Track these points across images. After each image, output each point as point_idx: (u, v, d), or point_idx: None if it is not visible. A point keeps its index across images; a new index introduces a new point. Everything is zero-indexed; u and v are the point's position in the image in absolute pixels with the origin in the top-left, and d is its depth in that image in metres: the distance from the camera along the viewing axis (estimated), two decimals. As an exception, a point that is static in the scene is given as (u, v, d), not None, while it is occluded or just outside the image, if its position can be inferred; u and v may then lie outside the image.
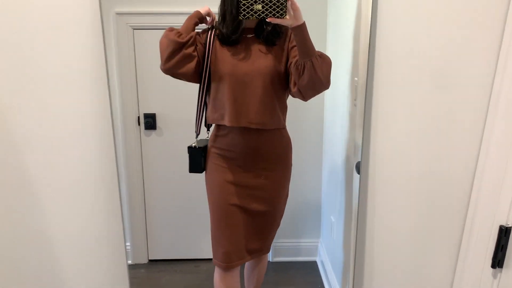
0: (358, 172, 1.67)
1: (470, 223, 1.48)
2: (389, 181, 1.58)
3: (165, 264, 2.80)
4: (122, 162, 2.60)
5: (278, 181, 1.83)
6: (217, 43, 1.71)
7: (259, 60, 1.65)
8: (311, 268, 2.82)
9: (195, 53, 1.66)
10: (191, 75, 1.69)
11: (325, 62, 1.51)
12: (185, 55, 1.62)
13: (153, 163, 2.64)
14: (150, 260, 2.81)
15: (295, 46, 1.61)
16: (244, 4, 1.37)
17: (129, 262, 2.77)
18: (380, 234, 1.65)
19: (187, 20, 1.68)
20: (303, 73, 1.50)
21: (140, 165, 2.64)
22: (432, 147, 1.52)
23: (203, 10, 1.70)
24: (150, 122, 2.57)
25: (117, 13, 2.36)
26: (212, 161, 1.81)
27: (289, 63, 1.66)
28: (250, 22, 1.69)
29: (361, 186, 1.64)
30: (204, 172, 1.88)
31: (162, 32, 2.34)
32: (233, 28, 1.65)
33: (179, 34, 1.61)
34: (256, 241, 1.84)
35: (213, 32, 1.72)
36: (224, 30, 1.68)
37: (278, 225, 1.93)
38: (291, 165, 1.90)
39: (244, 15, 1.39)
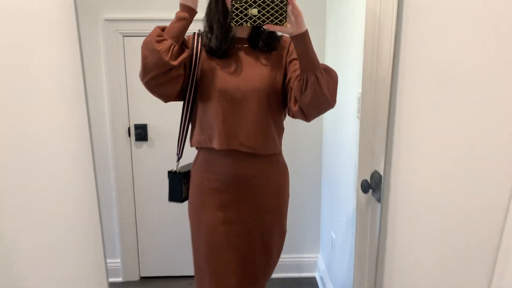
0: (363, 191, 1.56)
1: (501, 265, 1.26)
2: (412, 215, 1.28)
3: (157, 281, 2.69)
4: (112, 175, 2.49)
5: (272, 217, 1.57)
6: (205, 53, 1.47)
7: (253, 75, 1.43)
8: (310, 284, 2.72)
9: (183, 72, 1.40)
10: (174, 97, 1.47)
11: (331, 77, 1.32)
12: (172, 77, 1.34)
13: (144, 176, 2.53)
14: (142, 277, 2.70)
15: (295, 59, 1.41)
16: (237, 9, 1.19)
17: (120, 279, 2.67)
18: (400, 272, 1.41)
19: (177, 21, 1.32)
20: (305, 89, 1.30)
21: (130, 178, 2.52)
22: (461, 181, 1.18)
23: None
24: (141, 133, 2.46)
25: (106, 20, 2.26)
26: (196, 192, 1.56)
27: (287, 78, 1.45)
28: (242, 30, 1.47)
29: (382, 218, 1.46)
30: (185, 201, 1.65)
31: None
32: (221, 38, 1.42)
33: (169, 49, 1.29)
34: (249, 284, 1.57)
35: (199, 40, 1.47)
36: (211, 43, 1.44)
37: (275, 264, 1.66)
38: (287, 197, 1.64)
39: (237, 21, 1.21)
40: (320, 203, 2.70)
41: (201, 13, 1.44)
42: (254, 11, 1.19)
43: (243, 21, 1.21)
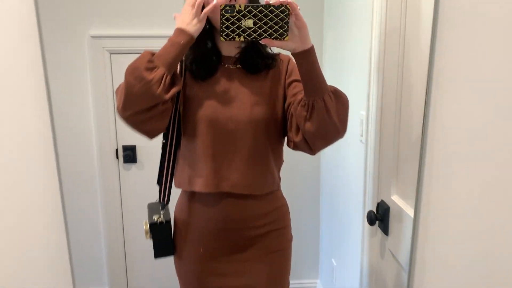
0: (370, 223, 1.45)
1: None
2: (444, 260, 1.06)
3: (147, 310, 2.53)
4: (99, 199, 2.34)
5: (272, 267, 1.32)
6: (189, 76, 1.26)
7: (248, 101, 1.21)
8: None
9: (171, 105, 1.19)
10: (160, 133, 1.26)
11: (341, 101, 1.13)
12: (159, 112, 1.14)
13: (133, 200, 2.39)
14: (131, 306, 2.54)
15: (295, 80, 1.23)
16: (228, 19, 1.00)
17: (107, 308, 2.51)
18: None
19: (172, 45, 1.10)
20: (311, 116, 1.09)
21: (119, 203, 2.38)
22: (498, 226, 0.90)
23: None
24: (129, 155, 2.33)
25: (92, 36, 2.13)
26: (181, 241, 1.34)
27: (287, 103, 1.24)
28: (231, 47, 1.24)
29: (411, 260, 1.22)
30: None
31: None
32: (201, 58, 1.23)
33: (162, 80, 1.08)
34: None
35: (182, 60, 1.24)
36: (192, 65, 1.23)
37: None
38: (290, 240, 1.40)
39: (227, 35, 1.01)
40: (319, 228, 2.57)
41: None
42: (249, 22, 1.00)
43: (236, 35, 1.01)
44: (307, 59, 1.07)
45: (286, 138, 1.29)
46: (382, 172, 1.47)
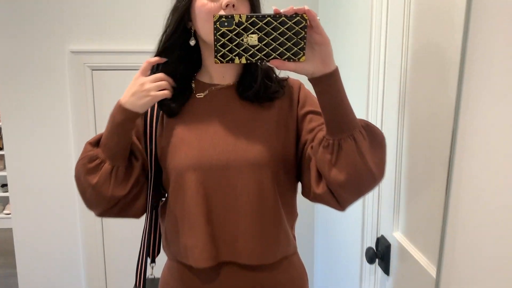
0: (369, 261, 1.28)
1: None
2: None
3: None
4: (79, 237, 2.17)
5: None
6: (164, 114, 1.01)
7: (250, 140, 0.92)
8: None
9: (144, 180, 0.99)
10: (144, 213, 1.03)
11: (376, 139, 0.84)
12: (128, 202, 0.96)
13: (116, 238, 2.22)
14: None
15: (311, 112, 0.96)
16: (223, 35, 0.73)
17: None
18: None
19: (114, 128, 0.90)
20: (337, 160, 0.80)
21: (100, 240, 2.21)
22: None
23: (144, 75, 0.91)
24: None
25: (72, 52, 2.00)
26: None
27: (302, 141, 0.95)
28: (224, 71, 0.97)
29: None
30: None
31: (125, 73, 2.00)
32: (182, 91, 0.97)
33: (110, 177, 0.90)
34: None
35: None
36: (166, 100, 0.95)
37: None
38: None
39: (224, 56, 0.74)
40: (312, 265, 2.41)
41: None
42: (253, 38, 0.73)
43: (235, 55, 0.74)
44: (330, 85, 0.79)
45: (301, 185, 0.98)
46: (383, 204, 1.32)
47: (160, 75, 0.89)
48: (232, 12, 0.83)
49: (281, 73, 0.99)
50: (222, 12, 0.83)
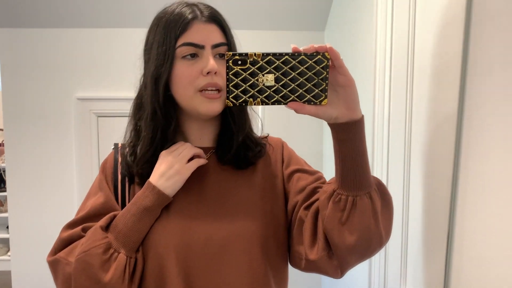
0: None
1: None
2: None
3: None
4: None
5: None
6: (138, 181, 0.86)
7: (233, 207, 0.84)
8: None
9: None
10: None
11: (387, 201, 0.77)
12: None
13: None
14: None
15: (297, 170, 0.88)
16: (237, 74, 0.66)
17: None
18: None
19: (140, 215, 0.78)
20: (349, 219, 0.72)
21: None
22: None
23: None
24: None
25: (79, 99, 2.03)
26: None
27: (291, 204, 0.86)
28: (203, 132, 0.88)
29: None
30: None
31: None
32: (154, 155, 0.83)
33: (125, 270, 0.76)
34: None
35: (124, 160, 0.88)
36: (138, 166, 0.83)
37: None
38: None
39: (236, 97, 0.67)
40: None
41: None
42: (269, 79, 0.66)
43: (249, 97, 0.67)
44: (354, 134, 0.70)
45: (290, 253, 0.88)
46: (389, 258, 1.26)
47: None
48: (214, 80, 0.77)
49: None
50: (201, 79, 0.77)
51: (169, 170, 0.79)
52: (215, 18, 0.79)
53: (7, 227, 4.45)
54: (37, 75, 2.03)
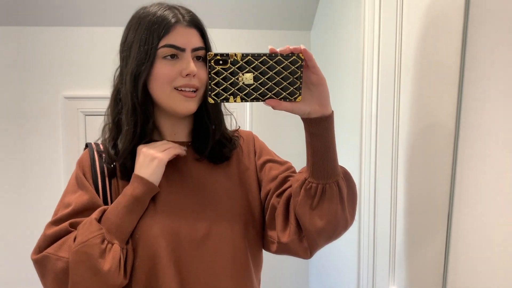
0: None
1: None
2: None
3: None
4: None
5: None
6: (119, 175, 0.89)
7: (216, 197, 0.90)
8: None
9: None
10: None
11: (352, 187, 0.85)
12: None
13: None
14: None
15: (269, 160, 0.95)
16: (218, 73, 0.71)
17: None
18: None
19: (130, 206, 0.82)
20: (319, 205, 0.79)
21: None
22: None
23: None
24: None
25: (66, 97, 2.01)
26: None
27: (264, 191, 0.92)
28: (178, 128, 0.92)
29: None
30: None
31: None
32: (129, 144, 0.86)
33: (120, 261, 0.79)
34: None
35: (101, 158, 0.90)
36: (112, 152, 0.88)
37: None
38: None
39: (218, 95, 0.72)
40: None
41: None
42: (248, 77, 0.72)
43: (229, 94, 0.72)
44: (325, 128, 0.77)
45: (263, 239, 0.94)
46: (378, 257, 1.27)
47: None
48: (192, 81, 0.82)
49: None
50: (180, 79, 0.82)
51: (147, 158, 0.83)
52: (196, 23, 0.85)
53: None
54: (24, 74, 2.00)
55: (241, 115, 2.07)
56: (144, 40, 0.81)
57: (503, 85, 0.67)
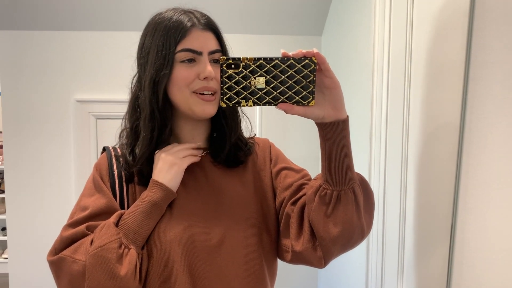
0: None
1: None
2: None
3: None
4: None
5: None
6: (137, 180, 0.89)
7: (232, 204, 0.89)
8: None
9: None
10: None
11: (369, 195, 0.83)
12: None
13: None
14: None
15: (284, 168, 0.94)
16: (230, 77, 0.71)
17: None
18: None
19: (147, 211, 0.82)
20: (333, 212, 0.77)
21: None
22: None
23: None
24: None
25: (78, 101, 2.03)
26: None
27: (279, 200, 0.91)
28: (195, 133, 0.92)
29: None
30: None
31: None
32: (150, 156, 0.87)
33: (136, 266, 0.78)
34: None
35: (118, 163, 0.90)
36: (130, 158, 0.88)
37: None
38: None
39: (230, 99, 0.72)
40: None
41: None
42: (260, 81, 0.71)
43: (242, 98, 0.72)
44: (340, 133, 0.75)
45: (278, 248, 0.93)
46: (387, 258, 1.26)
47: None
48: (210, 84, 0.82)
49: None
50: (198, 82, 0.82)
51: (166, 164, 0.83)
52: (211, 26, 0.84)
53: (2, 229, 4.43)
54: (37, 78, 2.03)
55: (250, 119, 2.07)
56: (161, 46, 0.81)
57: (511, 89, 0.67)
